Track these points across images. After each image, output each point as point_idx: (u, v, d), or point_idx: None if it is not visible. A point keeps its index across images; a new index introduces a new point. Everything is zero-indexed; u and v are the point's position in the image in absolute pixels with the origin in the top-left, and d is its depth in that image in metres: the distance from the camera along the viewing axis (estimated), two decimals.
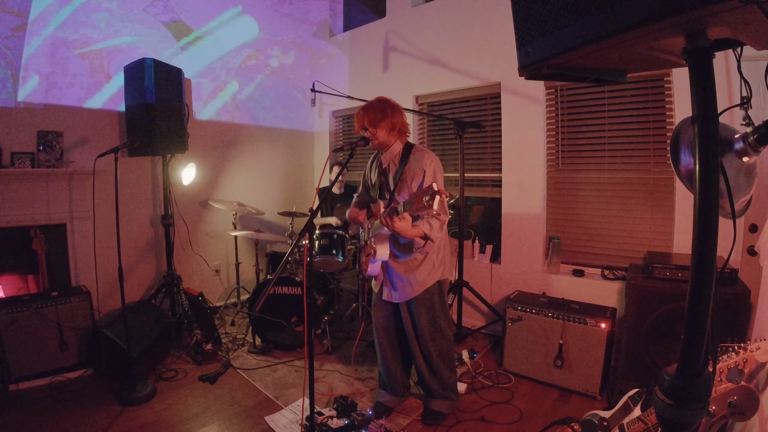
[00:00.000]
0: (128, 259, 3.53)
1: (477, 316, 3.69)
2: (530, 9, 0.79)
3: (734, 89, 2.25)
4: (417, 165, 2.17)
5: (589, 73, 0.86)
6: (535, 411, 2.47)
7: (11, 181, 2.96)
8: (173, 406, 2.52)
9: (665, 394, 0.71)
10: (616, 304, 2.85)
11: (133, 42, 3.53)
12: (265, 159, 4.73)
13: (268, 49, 4.62)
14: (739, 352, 1.32)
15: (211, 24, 4.10)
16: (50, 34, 3.13)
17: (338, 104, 4.85)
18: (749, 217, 2.32)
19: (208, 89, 4.16)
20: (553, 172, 3.34)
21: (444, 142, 4.07)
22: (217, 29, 4.16)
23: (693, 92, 0.67)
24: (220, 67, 4.24)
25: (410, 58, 4.10)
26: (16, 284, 3.09)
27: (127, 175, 3.51)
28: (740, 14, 0.55)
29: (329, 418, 2.28)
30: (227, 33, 4.25)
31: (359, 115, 2.21)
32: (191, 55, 3.94)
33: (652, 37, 0.64)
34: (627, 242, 3.03)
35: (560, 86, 3.21)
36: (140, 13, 3.59)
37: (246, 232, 3.85)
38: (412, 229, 2.01)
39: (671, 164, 0.86)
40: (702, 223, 0.66)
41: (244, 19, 4.37)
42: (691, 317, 0.68)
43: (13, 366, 2.63)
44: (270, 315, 3.15)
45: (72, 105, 3.28)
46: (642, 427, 1.57)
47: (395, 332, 2.41)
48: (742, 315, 2.03)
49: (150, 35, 3.65)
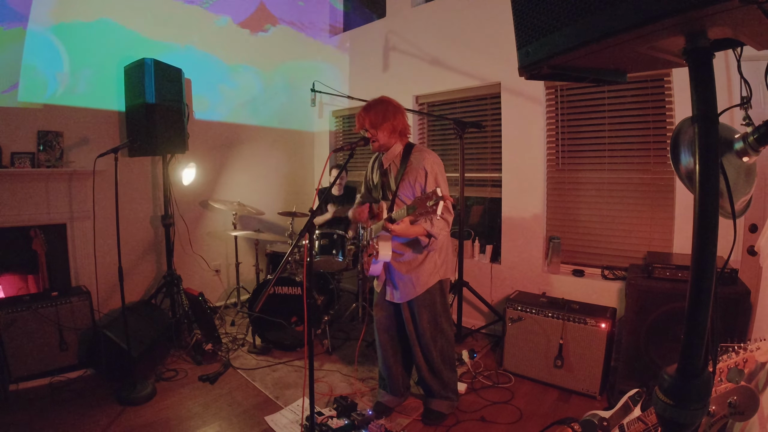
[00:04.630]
0: (128, 259, 3.53)
1: (477, 316, 3.69)
2: (530, 9, 0.79)
3: (734, 89, 2.25)
4: (418, 165, 2.17)
5: (589, 73, 0.86)
6: (535, 411, 2.47)
7: (11, 181, 2.96)
8: (173, 406, 2.52)
9: (665, 394, 0.71)
10: (616, 304, 2.85)
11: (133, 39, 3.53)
12: (265, 159, 4.73)
13: (268, 49, 4.62)
14: (739, 352, 1.32)
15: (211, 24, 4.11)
16: (50, 33, 3.13)
17: (338, 104, 4.85)
18: (749, 217, 2.32)
19: (208, 89, 4.15)
20: (553, 172, 3.34)
21: (444, 142, 4.07)
22: (217, 29, 4.16)
23: (693, 92, 0.67)
24: (221, 67, 4.24)
25: (410, 58, 4.10)
26: (16, 284, 3.08)
27: (127, 175, 3.51)
28: (740, 14, 0.55)
29: (329, 418, 2.28)
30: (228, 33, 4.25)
31: (360, 116, 2.21)
32: (192, 55, 3.93)
33: (652, 37, 0.64)
34: (627, 242, 3.03)
35: (560, 86, 3.21)
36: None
37: (246, 232, 3.85)
38: (412, 228, 2.02)
39: (671, 164, 0.86)
40: (702, 223, 0.66)
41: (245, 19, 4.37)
42: (691, 317, 0.68)
43: (13, 366, 2.63)
44: (270, 315, 3.15)
45: (72, 105, 3.28)
46: (642, 427, 1.57)
47: (396, 332, 2.42)
48: (742, 315, 2.03)
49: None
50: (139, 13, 3.55)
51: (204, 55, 4.07)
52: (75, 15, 3.22)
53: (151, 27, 3.63)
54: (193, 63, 3.90)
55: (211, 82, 4.19)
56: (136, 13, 3.54)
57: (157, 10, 3.67)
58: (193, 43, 3.96)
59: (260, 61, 4.58)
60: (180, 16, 3.84)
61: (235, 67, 4.37)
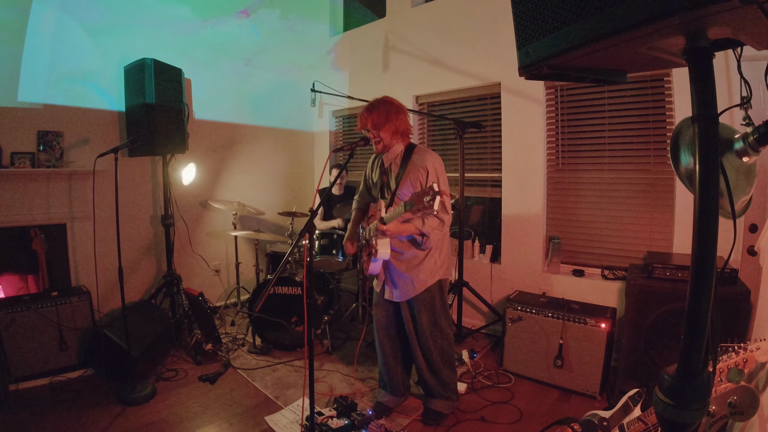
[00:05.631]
0: (128, 259, 3.53)
1: (477, 316, 3.69)
2: (530, 9, 0.79)
3: (734, 89, 2.25)
4: (420, 165, 2.18)
5: (589, 73, 0.86)
6: (535, 411, 2.47)
7: (11, 181, 2.96)
8: (173, 406, 2.52)
9: (665, 394, 0.71)
10: (616, 304, 2.85)
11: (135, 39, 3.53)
12: (265, 159, 4.73)
13: (269, 49, 4.62)
14: (739, 352, 1.32)
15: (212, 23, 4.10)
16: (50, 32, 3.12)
17: (338, 104, 4.85)
18: (749, 217, 2.32)
19: (208, 89, 4.15)
20: (553, 172, 3.34)
21: (444, 142, 4.07)
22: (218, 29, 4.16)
23: (693, 92, 0.67)
24: (221, 67, 4.24)
25: (410, 58, 4.10)
26: (16, 284, 3.09)
27: (127, 175, 3.51)
28: (740, 14, 0.55)
29: (329, 418, 2.27)
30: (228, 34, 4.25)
31: (363, 116, 2.21)
32: (192, 55, 3.93)
33: (652, 37, 0.64)
34: (627, 242, 3.03)
35: (560, 86, 3.21)
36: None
37: (246, 232, 3.85)
38: (403, 226, 2.07)
39: (671, 164, 0.86)
40: (702, 223, 0.66)
41: (245, 20, 4.36)
42: (691, 317, 0.68)
43: (13, 366, 2.63)
44: (270, 315, 3.15)
45: (72, 105, 3.28)
46: (642, 427, 1.57)
47: (396, 332, 2.42)
48: (742, 315, 2.03)
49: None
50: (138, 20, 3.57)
51: (204, 55, 4.07)
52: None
53: (151, 28, 3.64)
54: (194, 63, 3.90)
55: (211, 82, 4.18)
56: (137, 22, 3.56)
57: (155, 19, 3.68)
58: (193, 44, 3.96)
59: (260, 60, 4.57)
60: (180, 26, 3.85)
61: (235, 67, 4.37)
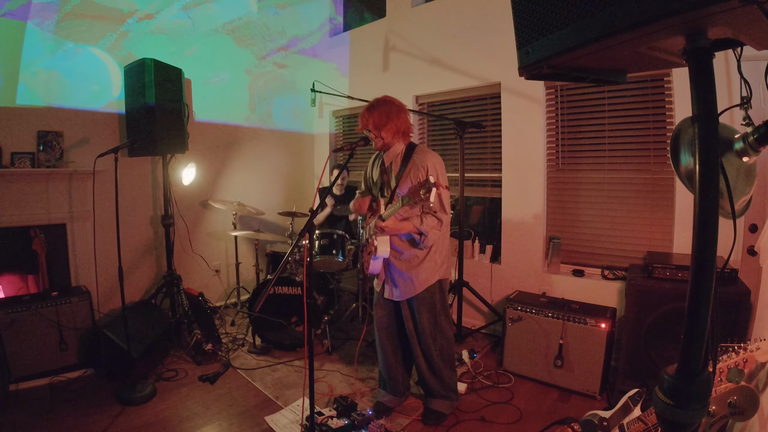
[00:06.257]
0: (128, 259, 3.52)
1: (477, 316, 3.69)
2: (530, 9, 0.79)
3: (734, 89, 2.25)
4: (420, 164, 2.18)
5: (589, 73, 0.86)
6: (535, 411, 2.47)
7: (11, 181, 2.96)
8: (173, 406, 2.52)
9: (665, 394, 0.71)
10: (616, 304, 2.85)
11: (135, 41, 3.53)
12: (265, 159, 4.73)
13: (268, 50, 4.62)
14: (739, 352, 1.32)
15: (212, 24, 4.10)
16: (51, 32, 3.12)
17: (338, 104, 4.84)
18: (749, 217, 2.32)
19: (208, 89, 4.15)
20: (553, 172, 3.34)
21: (444, 142, 4.06)
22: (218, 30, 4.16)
23: (693, 92, 0.67)
24: (221, 67, 4.24)
25: (410, 58, 4.10)
26: (16, 284, 3.08)
27: (127, 176, 3.50)
28: (740, 14, 0.55)
29: (329, 418, 2.27)
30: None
31: (364, 116, 2.22)
32: (192, 55, 3.93)
33: (652, 37, 0.64)
34: (627, 242, 3.03)
35: (560, 86, 3.21)
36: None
37: (246, 232, 3.85)
38: (401, 224, 2.09)
39: (671, 164, 0.86)
40: (702, 223, 0.66)
41: (245, 20, 4.37)
42: (691, 317, 0.68)
43: (13, 366, 2.63)
44: (270, 315, 3.15)
45: (72, 105, 3.28)
46: (642, 427, 1.57)
47: (396, 331, 2.42)
48: (742, 315, 2.03)
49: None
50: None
51: (204, 55, 4.07)
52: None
53: (151, 30, 3.64)
54: (194, 63, 3.90)
55: (211, 82, 4.18)
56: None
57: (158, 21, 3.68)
58: (193, 44, 3.96)
59: (260, 60, 4.57)
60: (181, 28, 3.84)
61: (235, 66, 4.37)
